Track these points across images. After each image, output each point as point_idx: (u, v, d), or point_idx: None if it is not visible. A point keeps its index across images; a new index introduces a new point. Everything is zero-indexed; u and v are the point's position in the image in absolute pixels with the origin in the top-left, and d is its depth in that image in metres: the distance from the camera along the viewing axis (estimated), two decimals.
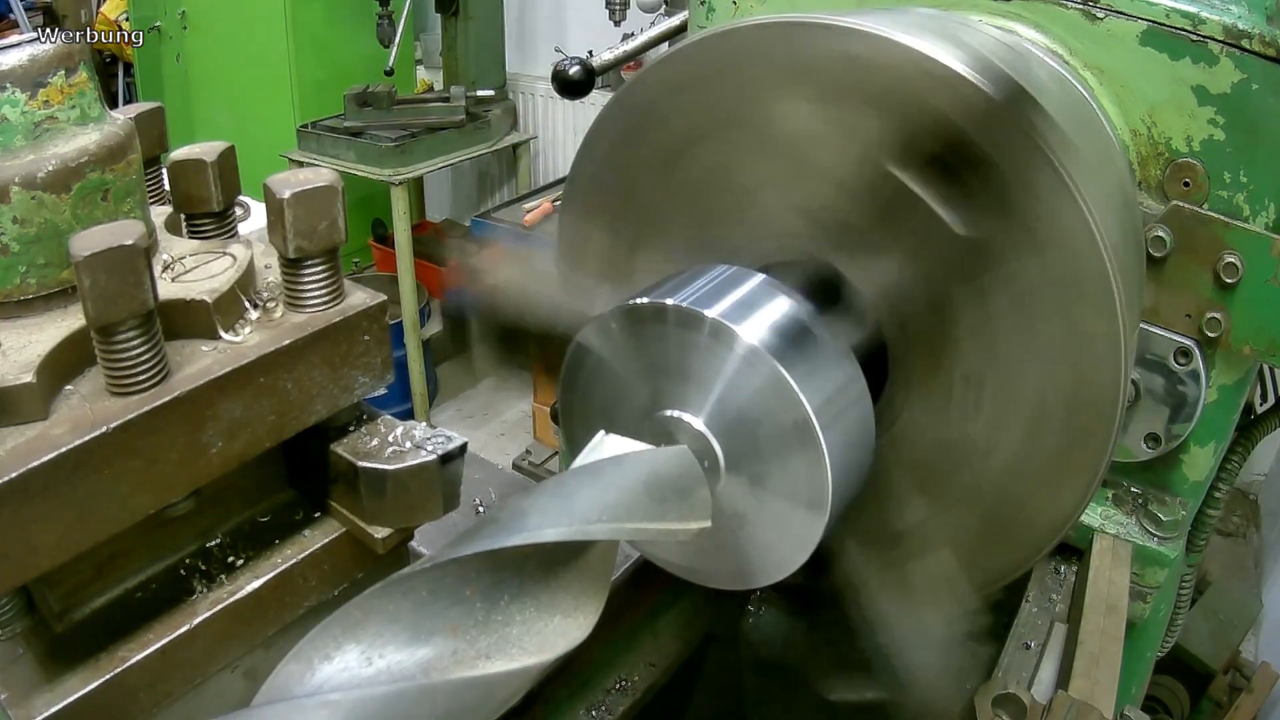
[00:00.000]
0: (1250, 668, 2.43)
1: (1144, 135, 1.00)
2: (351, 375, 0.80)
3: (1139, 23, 0.96)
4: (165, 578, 0.79)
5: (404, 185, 3.98)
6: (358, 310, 0.79)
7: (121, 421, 0.65)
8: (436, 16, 4.53)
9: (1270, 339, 0.98)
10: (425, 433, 0.83)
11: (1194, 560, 1.37)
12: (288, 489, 0.88)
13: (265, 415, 0.74)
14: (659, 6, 3.87)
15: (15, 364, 0.66)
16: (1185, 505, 1.14)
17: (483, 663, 0.57)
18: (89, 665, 0.72)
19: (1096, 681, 0.91)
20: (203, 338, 0.74)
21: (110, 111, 0.77)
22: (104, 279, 0.62)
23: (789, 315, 0.78)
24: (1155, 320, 1.02)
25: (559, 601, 0.63)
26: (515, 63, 4.93)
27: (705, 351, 0.74)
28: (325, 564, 0.84)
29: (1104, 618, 0.99)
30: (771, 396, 0.72)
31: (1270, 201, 0.97)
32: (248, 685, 0.83)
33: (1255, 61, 0.92)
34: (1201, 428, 1.05)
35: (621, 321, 0.78)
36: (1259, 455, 2.55)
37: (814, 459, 0.72)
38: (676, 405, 0.76)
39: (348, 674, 0.53)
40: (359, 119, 4.15)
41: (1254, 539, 3.81)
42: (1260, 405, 1.46)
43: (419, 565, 0.57)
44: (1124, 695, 1.09)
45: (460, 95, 4.27)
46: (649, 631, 1.23)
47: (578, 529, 0.62)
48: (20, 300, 0.72)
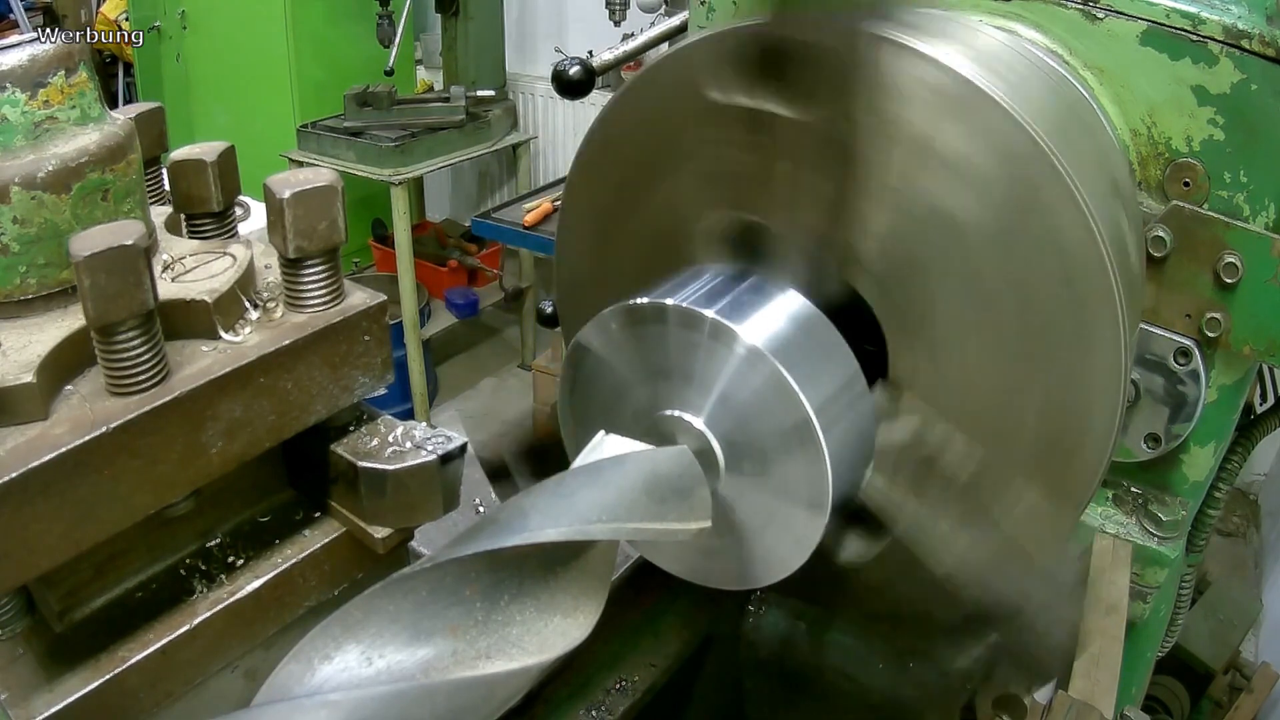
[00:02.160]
0: (1250, 668, 2.42)
1: (1144, 135, 1.00)
2: (351, 375, 0.80)
3: (1139, 23, 0.96)
4: (165, 578, 0.79)
5: (404, 185, 3.98)
6: (358, 310, 0.79)
7: (121, 421, 0.65)
8: (436, 16, 4.53)
9: (1270, 339, 0.98)
10: (425, 433, 0.83)
11: (1194, 560, 1.37)
12: (288, 489, 0.88)
13: (265, 415, 0.74)
14: (659, 6, 3.87)
15: (15, 364, 0.66)
16: (1185, 505, 1.14)
17: (483, 663, 0.57)
18: (89, 665, 0.72)
19: (1096, 681, 0.91)
20: (203, 338, 0.74)
21: (110, 111, 0.77)
22: (104, 279, 0.62)
23: (789, 315, 0.78)
24: (1155, 320, 1.02)
25: (559, 601, 0.63)
26: (515, 63, 4.93)
27: (705, 351, 0.74)
28: (325, 564, 0.84)
29: (1104, 618, 0.99)
30: (772, 397, 0.72)
31: (1270, 201, 0.97)
32: (248, 685, 0.83)
33: (1255, 62, 0.92)
34: (1201, 428, 1.05)
35: (621, 321, 0.78)
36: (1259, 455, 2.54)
37: (814, 459, 0.72)
38: (677, 405, 0.76)
39: (348, 674, 0.53)
40: (359, 119, 4.15)
41: (1254, 539, 3.81)
42: (1260, 405, 1.46)
43: (419, 565, 0.57)
44: (1124, 695, 1.09)
45: (460, 95, 4.27)
46: (649, 631, 1.23)
47: (578, 529, 0.62)
48: (20, 300, 0.72)
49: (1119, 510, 1.15)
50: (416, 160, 4.09)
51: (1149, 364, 1.03)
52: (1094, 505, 1.15)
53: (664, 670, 1.19)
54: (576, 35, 4.87)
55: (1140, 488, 1.16)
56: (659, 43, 1.70)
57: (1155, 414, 1.04)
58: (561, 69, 1.54)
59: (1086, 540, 1.13)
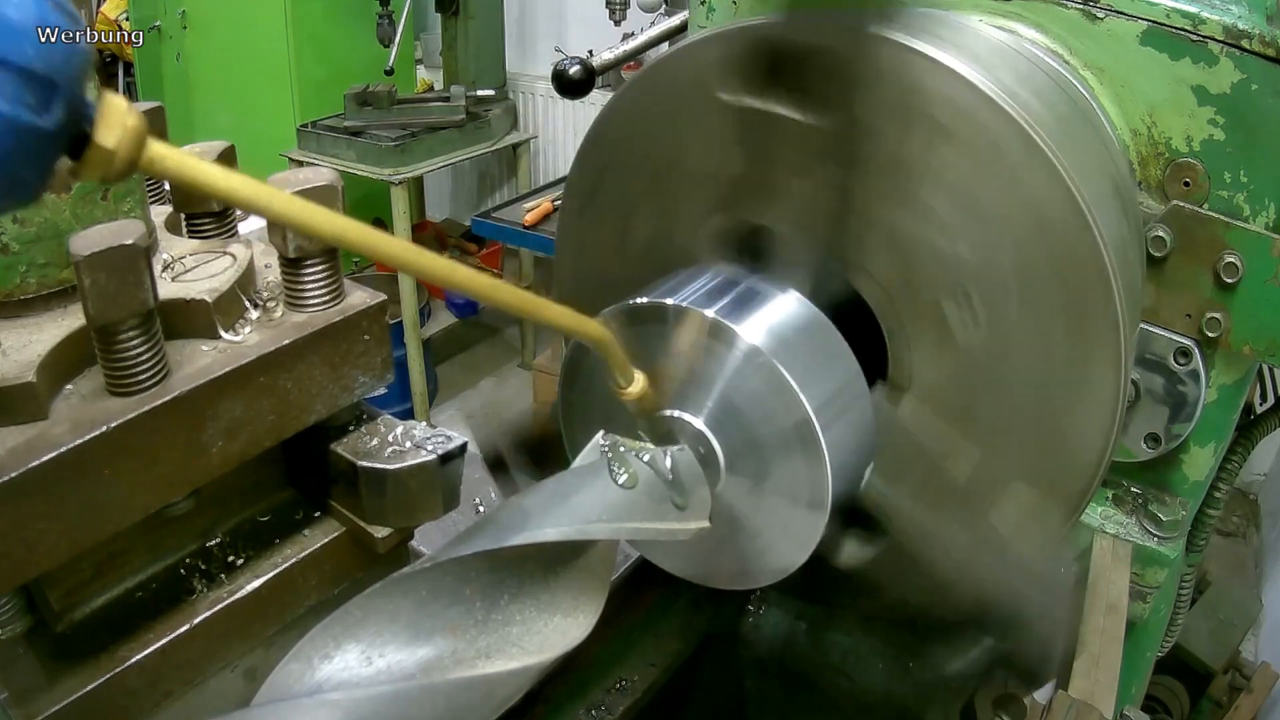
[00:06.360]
0: (1250, 668, 2.42)
1: (1144, 135, 1.00)
2: (351, 375, 0.80)
3: (1139, 23, 0.96)
4: (165, 577, 0.79)
5: (404, 185, 3.98)
6: (358, 310, 0.79)
7: (121, 421, 0.65)
8: (436, 16, 4.53)
9: (1270, 339, 0.98)
10: (425, 432, 0.83)
11: (1194, 560, 1.37)
12: (288, 489, 0.88)
13: (265, 415, 0.74)
14: (659, 6, 3.87)
15: (15, 364, 0.66)
16: (1185, 505, 1.14)
17: (483, 663, 0.57)
18: (89, 664, 0.72)
19: (1096, 681, 0.91)
20: (203, 337, 0.74)
21: None
22: (104, 278, 0.62)
23: (789, 314, 0.78)
24: (1155, 320, 1.02)
25: (559, 601, 0.63)
26: (515, 62, 4.93)
27: (705, 351, 0.74)
28: (325, 564, 0.84)
29: (1104, 618, 0.99)
30: (772, 396, 0.72)
31: (1270, 201, 0.97)
32: (248, 685, 0.83)
33: (1255, 61, 0.92)
34: (1201, 428, 1.05)
35: (621, 321, 0.78)
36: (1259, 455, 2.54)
37: (814, 459, 0.72)
38: (677, 405, 0.76)
39: (347, 673, 0.53)
40: (359, 118, 4.15)
41: (1254, 539, 3.81)
42: (1260, 405, 1.46)
43: (419, 565, 0.57)
44: (1124, 695, 1.09)
45: (460, 95, 4.27)
46: (649, 631, 1.23)
47: (578, 529, 0.62)
48: (20, 300, 0.72)
49: (1119, 510, 1.15)
50: (416, 160, 4.08)
51: (1149, 364, 1.03)
52: (1094, 505, 1.15)
53: (664, 670, 1.19)
54: (576, 35, 4.87)
55: (1140, 488, 1.16)
56: (659, 42, 1.70)
57: (1155, 414, 1.04)
58: (561, 68, 1.54)
59: (1085, 541, 1.13)
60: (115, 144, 0.42)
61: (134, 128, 0.42)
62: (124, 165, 0.42)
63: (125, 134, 0.42)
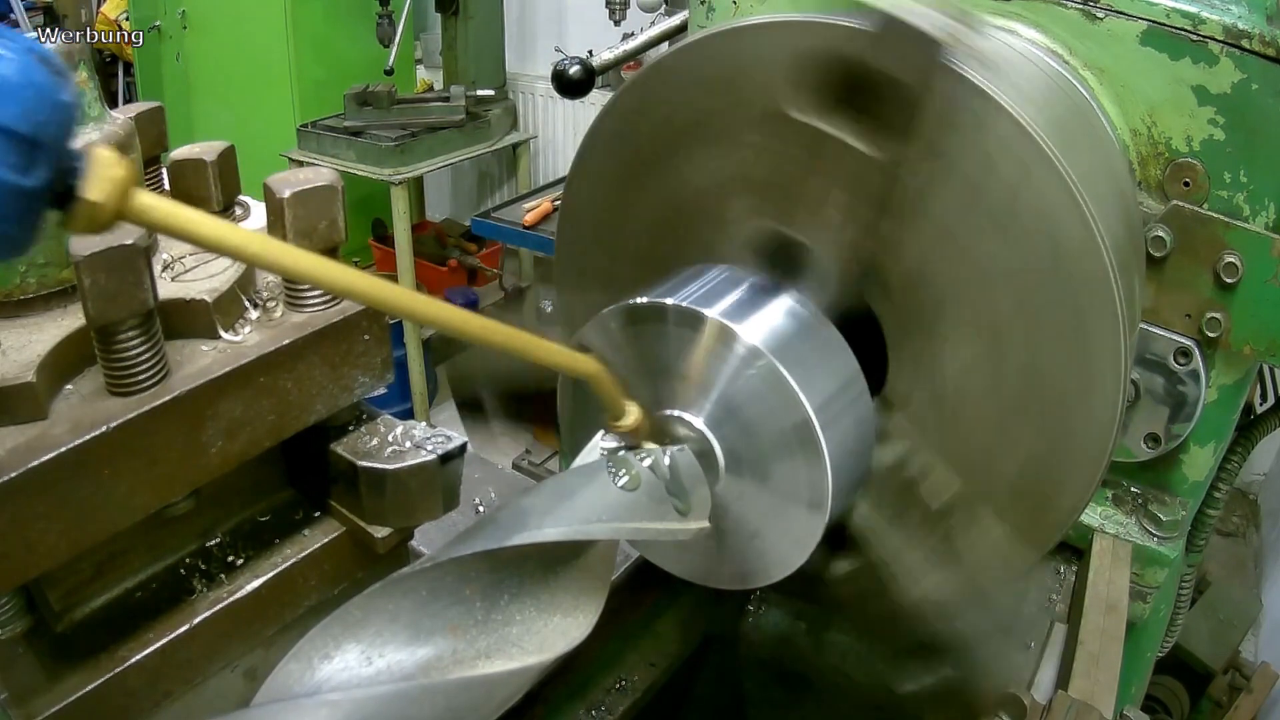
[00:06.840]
0: (1250, 668, 2.42)
1: (1144, 135, 1.00)
2: (351, 375, 0.80)
3: (1139, 23, 0.96)
4: (165, 577, 0.79)
5: (404, 185, 3.98)
6: (357, 310, 0.79)
7: (121, 421, 0.65)
8: (436, 16, 4.53)
9: (1270, 339, 0.98)
10: (425, 432, 0.83)
11: (1194, 560, 1.37)
12: (288, 489, 0.88)
13: (265, 415, 0.74)
14: (659, 6, 3.87)
15: (15, 364, 0.66)
16: (1185, 505, 1.14)
17: (483, 663, 0.57)
18: (89, 664, 0.72)
19: (1096, 681, 0.91)
20: (203, 337, 0.74)
21: (110, 111, 0.77)
22: (104, 278, 0.62)
23: (789, 314, 0.78)
24: (1155, 320, 1.02)
25: (559, 601, 0.63)
26: (515, 62, 4.93)
27: (706, 351, 0.74)
28: (325, 564, 0.84)
29: (1104, 618, 0.99)
30: (772, 396, 0.72)
31: (1270, 201, 0.97)
32: (248, 685, 0.83)
33: (1255, 61, 0.92)
34: (1201, 428, 1.05)
35: (621, 321, 0.78)
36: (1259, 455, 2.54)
37: (814, 459, 0.72)
38: (677, 405, 0.76)
39: (347, 673, 0.53)
40: (359, 119, 4.15)
41: (1254, 539, 3.80)
42: (1260, 405, 1.46)
43: (419, 565, 0.57)
44: (1124, 695, 1.09)
45: (460, 95, 4.27)
46: (649, 631, 1.23)
47: (578, 529, 0.62)
48: (20, 300, 0.72)
49: (1119, 510, 1.15)
50: (416, 160, 4.09)
51: (1149, 364, 1.03)
52: (1094, 505, 1.15)
53: (664, 670, 1.19)
54: (576, 35, 4.86)
55: (1140, 487, 1.16)
56: (659, 42, 1.70)
57: (1155, 414, 1.04)
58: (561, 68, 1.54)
59: (1084, 541, 1.13)
60: (103, 198, 0.42)
61: (121, 180, 0.42)
62: (111, 217, 0.43)
63: (112, 187, 0.42)
